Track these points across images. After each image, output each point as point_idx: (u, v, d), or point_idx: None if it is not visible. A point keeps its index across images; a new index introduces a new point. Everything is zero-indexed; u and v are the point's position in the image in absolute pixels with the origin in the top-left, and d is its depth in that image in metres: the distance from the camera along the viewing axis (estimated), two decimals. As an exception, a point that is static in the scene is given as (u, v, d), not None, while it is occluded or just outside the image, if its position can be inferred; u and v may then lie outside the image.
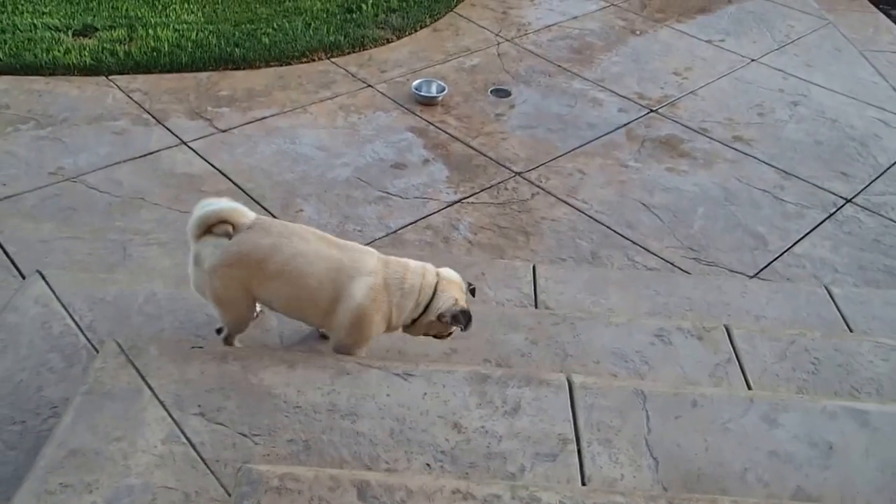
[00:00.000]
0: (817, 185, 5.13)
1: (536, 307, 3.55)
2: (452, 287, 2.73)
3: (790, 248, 4.53)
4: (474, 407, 2.35)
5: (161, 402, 2.34)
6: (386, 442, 2.25)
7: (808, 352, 3.11)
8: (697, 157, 5.34)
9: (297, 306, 2.69)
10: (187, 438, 2.23)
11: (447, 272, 2.79)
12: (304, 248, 2.58)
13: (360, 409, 2.35)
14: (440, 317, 2.66)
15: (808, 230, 4.70)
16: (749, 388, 2.89)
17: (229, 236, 2.57)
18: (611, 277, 3.85)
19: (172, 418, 2.29)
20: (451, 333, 2.87)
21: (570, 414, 2.37)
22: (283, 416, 2.31)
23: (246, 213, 2.64)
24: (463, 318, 2.67)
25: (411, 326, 2.75)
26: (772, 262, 4.40)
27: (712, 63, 6.63)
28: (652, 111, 5.86)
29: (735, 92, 6.21)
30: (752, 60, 6.72)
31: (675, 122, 5.75)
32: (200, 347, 2.57)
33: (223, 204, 2.61)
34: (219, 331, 2.88)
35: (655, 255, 4.38)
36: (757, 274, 4.28)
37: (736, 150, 5.46)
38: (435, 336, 2.82)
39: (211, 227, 2.58)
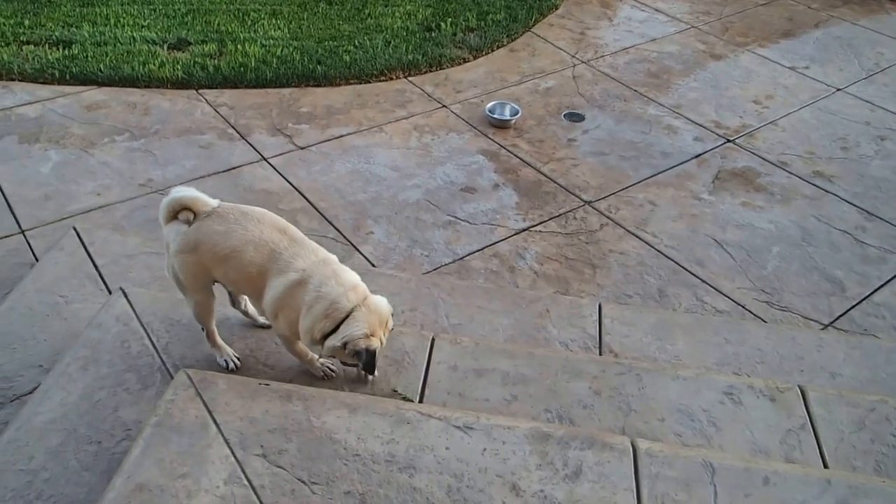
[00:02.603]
0: (902, 228, 4.97)
1: (601, 349, 3.55)
2: (371, 318, 2.62)
3: (869, 295, 4.39)
4: (534, 468, 2.37)
5: (226, 440, 2.42)
6: (442, 501, 2.28)
7: (888, 421, 3.01)
8: (774, 193, 5.23)
9: (244, 290, 2.85)
10: (248, 481, 2.31)
11: (376, 301, 2.70)
12: (255, 236, 2.69)
13: (419, 462, 2.39)
14: (344, 344, 2.60)
15: (890, 277, 4.54)
16: (823, 459, 2.82)
17: (189, 223, 2.72)
18: (679, 321, 3.81)
19: (235, 458, 2.37)
20: (360, 370, 2.78)
21: (634, 483, 2.36)
22: (342, 463, 2.37)
23: (207, 202, 2.76)
24: (361, 358, 2.60)
25: (321, 343, 2.67)
26: (849, 310, 4.28)
27: (795, 91, 6.47)
28: (729, 141, 5.76)
29: (818, 123, 6.05)
30: (838, 90, 6.53)
31: (753, 153, 5.64)
32: (267, 384, 2.65)
33: (185, 192, 2.75)
34: (203, 328, 3.01)
35: (726, 296, 4.32)
36: (832, 322, 4.18)
37: (816, 186, 5.32)
38: (344, 363, 2.77)
39: (176, 213, 2.74)
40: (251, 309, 3.16)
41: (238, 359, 3.04)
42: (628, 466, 2.42)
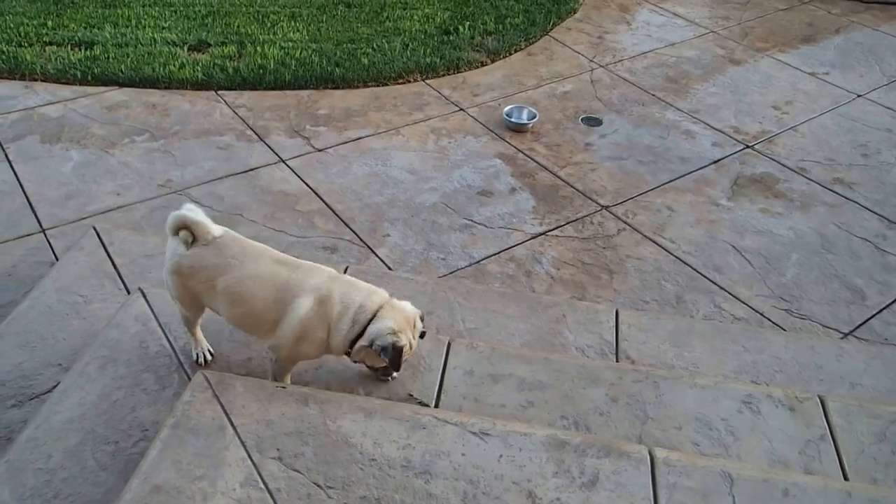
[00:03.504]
0: (923, 236, 4.92)
1: (617, 356, 3.54)
2: (396, 316, 2.66)
3: (890, 304, 4.35)
4: (550, 475, 2.37)
5: (242, 443, 2.43)
6: (458, 507, 2.29)
7: (909, 433, 2.99)
8: (794, 199, 5.19)
9: (243, 323, 2.81)
10: (265, 484, 2.32)
11: (401, 303, 2.74)
12: (253, 271, 2.68)
13: (434, 468, 2.39)
14: (371, 343, 2.62)
15: (909, 286, 4.51)
16: (843, 471, 2.79)
17: (187, 245, 2.71)
18: (696, 329, 3.79)
19: (252, 461, 2.38)
20: (387, 372, 2.84)
21: (651, 493, 2.35)
22: (358, 468, 2.38)
23: (210, 229, 2.74)
24: (388, 354, 2.60)
25: (350, 351, 2.70)
26: (869, 318, 4.24)
27: (815, 98, 6.42)
28: (748, 147, 5.72)
29: (838, 130, 6.00)
30: (859, 96, 6.47)
31: (772, 159, 5.60)
32: (283, 387, 2.66)
33: (190, 214, 2.73)
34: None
35: (744, 303, 4.29)
36: (852, 331, 4.14)
37: (836, 193, 5.28)
38: (371, 368, 2.80)
39: (178, 229, 2.73)
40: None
41: (211, 353, 3.06)
42: (646, 476, 2.40)
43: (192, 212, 2.75)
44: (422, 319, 2.80)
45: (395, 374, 2.94)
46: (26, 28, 6.34)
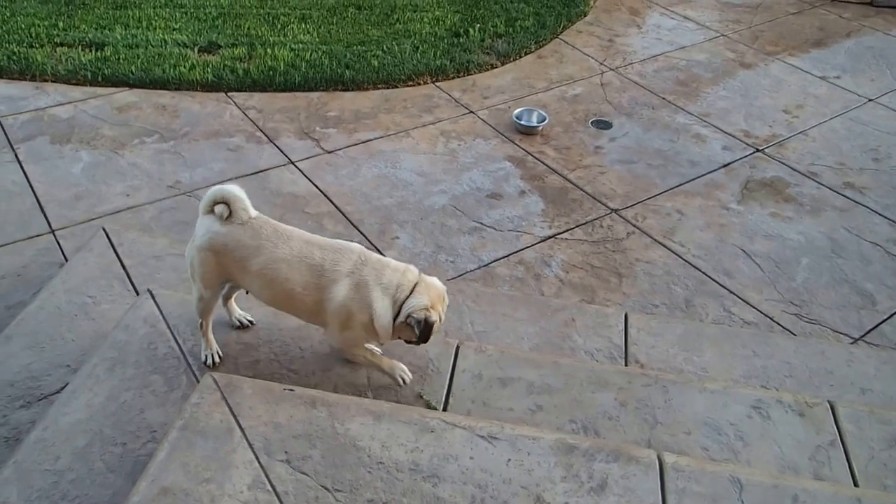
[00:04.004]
0: (934, 242, 4.88)
1: (626, 360, 3.52)
2: (431, 292, 2.74)
3: (900, 309, 4.34)
4: (559, 480, 2.35)
5: (250, 445, 2.43)
6: (466, 511, 2.28)
7: (920, 439, 2.97)
8: (804, 203, 5.17)
9: (283, 305, 2.85)
10: (272, 486, 2.31)
11: (432, 279, 2.82)
12: (286, 254, 2.72)
13: (443, 472, 2.38)
14: (407, 317, 2.68)
15: (921, 291, 4.48)
16: (853, 477, 2.77)
17: (222, 220, 2.74)
18: (706, 333, 3.77)
19: (260, 463, 2.38)
20: (415, 343, 2.86)
21: (660, 498, 2.33)
22: (366, 471, 2.37)
23: (248, 208, 2.77)
24: (419, 328, 2.67)
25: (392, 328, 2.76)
26: (879, 324, 4.21)
27: (825, 102, 6.39)
28: (758, 151, 5.70)
29: (848, 134, 5.97)
30: (869, 100, 6.44)
31: (782, 163, 5.57)
32: (292, 390, 2.66)
33: (231, 188, 2.76)
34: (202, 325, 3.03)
35: (754, 307, 4.27)
36: (863, 336, 4.12)
37: (846, 197, 5.25)
38: (405, 340, 2.85)
39: (214, 204, 2.75)
40: (232, 304, 3.18)
41: (220, 356, 3.06)
42: (654, 481, 2.39)
43: (233, 188, 2.78)
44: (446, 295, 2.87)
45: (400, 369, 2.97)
46: (37, 29, 6.37)
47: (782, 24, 7.70)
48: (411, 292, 2.71)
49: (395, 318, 2.72)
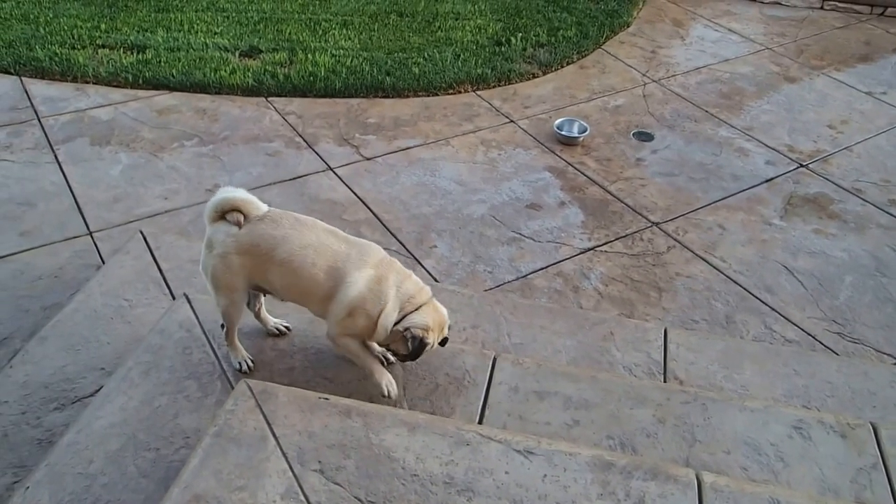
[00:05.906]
0: (985, 263, 4.73)
1: (665, 376, 3.45)
2: (436, 317, 2.81)
3: (947, 332, 4.20)
4: (595, 497, 2.29)
5: (284, 454, 2.40)
6: (500, 527, 2.23)
7: (964, 464, 2.86)
8: (848, 221, 5.04)
9: (298, 293, 2.84)
10: (305, 496, 2.28)
11: (441, 307, 2.88)
12: (313, 240, 2.74)
13: (477, 486, 2.33)
14: (406, 329, 2.74)
15: (969, 314, 4.34)
16: (895, 500, 2.69)
17: (239, 225, 2.74)
18: (746, 350, 3.69)
19: (293, 472, 2.35)
20: (403, 359, 2.91)
21: (699, 519, 2.28)
22: (400, 483, 2.33)
23: (258, 206, 2.80)
24: (413, 344, 2.74)
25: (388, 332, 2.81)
26: (925, 346, 4.10)
27: (871, 117, 6.24)
28: (802, 166, 5.58)
29: (894, 151, 5.82)
30: (918, 117, 6.29)
31: (826, 179, 5.45)
32: (327, 399, 2.63)
33: (238, 193, 2.78)
34: (223, 326, 3.01)
35: (796, 325, 4.16)
36: (908, 358, 4.01)
37: (892, 215, 5.11)
38: (391, 350, 2.90)
39: (224, 213, 2.76)
40: (264, 314, 3.17)
41: (252, 361, 3.05)
42: (693, 500, 2.32)
43: (235, 191, 2.79)
44: (448, 329, 2.93)
45: (392, 358, 3.02)
46: (80, 31, 6.47)
47: (828, 38, 7.56)
48: (418, 309, 2.78)
49: (395, 324, 2.76)
